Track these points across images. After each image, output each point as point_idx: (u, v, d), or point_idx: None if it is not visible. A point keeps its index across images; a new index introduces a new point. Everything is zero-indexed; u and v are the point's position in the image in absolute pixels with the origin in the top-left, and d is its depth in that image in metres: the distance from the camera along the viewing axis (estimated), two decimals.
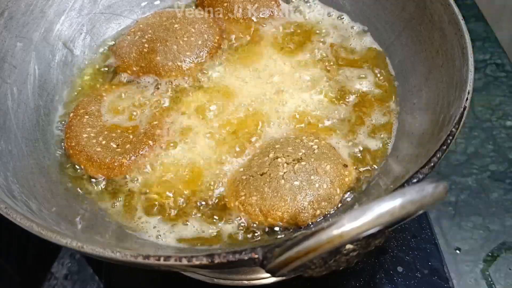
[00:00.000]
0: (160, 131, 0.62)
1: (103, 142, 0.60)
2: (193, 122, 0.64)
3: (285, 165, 0.56)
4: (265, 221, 0.54)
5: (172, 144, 0.61)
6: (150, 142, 0.61)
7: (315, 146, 0.58)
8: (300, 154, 0.56)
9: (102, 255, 0.39)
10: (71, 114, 0.64)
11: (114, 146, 0.60)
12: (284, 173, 0.55)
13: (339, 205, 0.56)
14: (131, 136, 0.61)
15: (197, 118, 0.64)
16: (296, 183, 0.54)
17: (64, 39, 0.70)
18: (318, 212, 0.53)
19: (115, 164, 0.59)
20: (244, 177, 0.57)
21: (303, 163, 0.55)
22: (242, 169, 0.58)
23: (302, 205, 0.53)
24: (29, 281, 0.73)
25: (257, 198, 0.54)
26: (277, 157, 0.57)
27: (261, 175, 0.56)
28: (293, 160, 0.56)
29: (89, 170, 0.59)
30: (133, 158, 0.59)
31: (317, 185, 0.54)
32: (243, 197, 0.55)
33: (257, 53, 0.72)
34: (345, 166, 0.57)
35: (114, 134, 0.62)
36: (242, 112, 0.65)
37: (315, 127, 0.63)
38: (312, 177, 0.55)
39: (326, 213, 0.54)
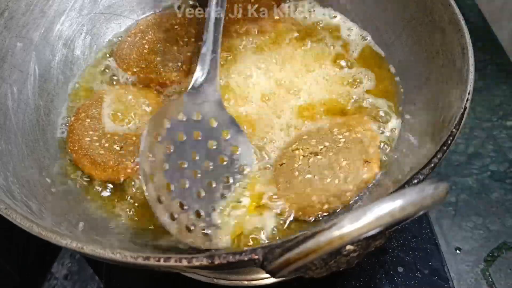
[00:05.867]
0: None
1: (106, 145, 0.60)
2: None
3: (301, 157, 0.56)
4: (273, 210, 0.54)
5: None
6: None
7: (343, 140, 0.57)
8: (321, 147, 0.57)
9: (102, 256, 0.39)
10: (73, 118, 0.64)
11: (118, 148, 0.60)
12: (299, 165, 0.55)
13: (352, 201, 0.55)
14: (134, 138, 0.61)
15: None
16: (308, 176, 0.54)
17: (64, 39, 0.70)
18: (326, 206, 0.53)
19: (119, 166, 0.58)
20: (267, 165, 0.58)
21: (318, 157, 0.56)
22: (267, 158, 0.59)
23: (309, 198, 0.53)
24: (29, 281, 0.73)
25: (271, 187, 0.55)
26: (296, 149, 0.57)
27: (280, 165, 0.57)
28: (310, 153, 0.56)
29: (93, 173, 0.59)
30: (137, 160, 0.59)
31: (328, 180, 0.54)
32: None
33: (257, 52, 0.72)
34: (367, 162, 0.56)
35: (116, 137, 0.61)
36: (245, 110, 0.64)
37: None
38: (325, 172, 0.55)
39: (335, 208, 0.54)
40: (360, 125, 0.60)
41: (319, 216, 0.54)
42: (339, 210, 0.54)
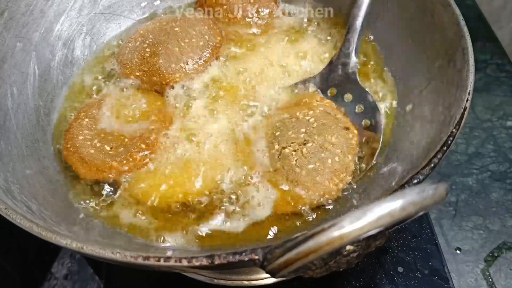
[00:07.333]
0: (156, 136, 0.61)
1: (98, 145, 0.60)
2: (198, 123, 0.63)
3: (294, 153, 0.55)
4: (295, 209, 0.54)
5: (171, 146, 0.61)
6: (143, 145, 0.60)
7: (312, 119, 0.57)
8: (302, 135, 0.56)
9: (102, 255, 0.39)
10: (73, 117, 0.64)
11: (108, 148, 0.59)
12: (296, 161, 0.55)
13: (357, 172, 0.56)
14: (126, 140, 0.61)
15: (203, 117, 0.64)
16: (311, 166, 0.54)
17: (64, 39, 0.70)
18: (340, 185, 0.54)
19: (106, 166, 0.58)
20: (260, 175, 0.56)
21: (309, 144, 0.55)
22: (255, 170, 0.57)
23: (323, 185, 0.53)
24: (29, 281, 0.73)
25: (280, 193, 0.55)
26: (283, 148, 0.56)
27: (275, 171, 0.55)
28: (299, 145, 0.56)
29: (79, 171, 0.58)
30: (124, 161, 0.58)
31: (329, 160, 0.54)
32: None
33: (258, 51, 0.72)
34: (347, 128, 0.56)
35: (110, 137, 0.61)
36: (249, 110, 0.64)
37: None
38: (322, 155, 0.55)
39: (347, 183, 0.55)
40: (313, 100, 0.60)
41: (338, 197, 0.55)
42: (353, 184, 0.55)
